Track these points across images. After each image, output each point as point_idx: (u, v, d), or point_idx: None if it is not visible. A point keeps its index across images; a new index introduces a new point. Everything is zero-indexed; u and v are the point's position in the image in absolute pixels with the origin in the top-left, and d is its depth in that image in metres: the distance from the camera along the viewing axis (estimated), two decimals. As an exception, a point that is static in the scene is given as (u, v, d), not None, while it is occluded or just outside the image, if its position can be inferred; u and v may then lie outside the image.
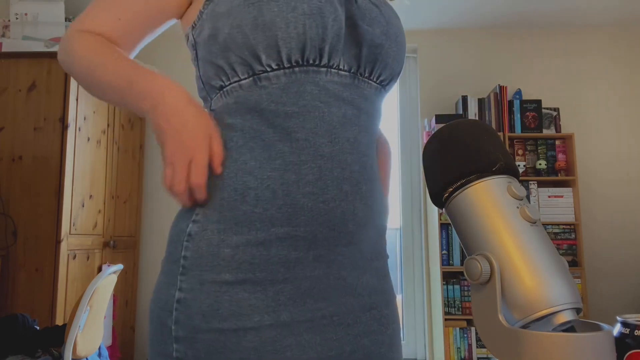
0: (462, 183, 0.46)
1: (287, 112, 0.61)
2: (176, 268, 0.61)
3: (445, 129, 0.49)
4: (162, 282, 0.63)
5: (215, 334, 0.57)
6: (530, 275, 0.41)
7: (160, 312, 0.61)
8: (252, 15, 0.60)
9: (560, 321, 0.40)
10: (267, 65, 0.61)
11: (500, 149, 0.47)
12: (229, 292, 0.58)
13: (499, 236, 0.43)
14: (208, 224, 0.60)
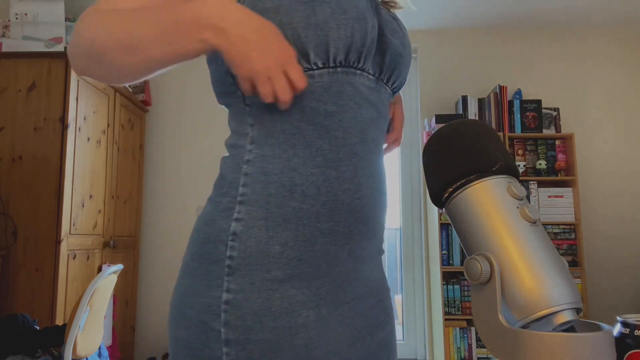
0: (462, 183, 0.46)
1: (327, 111, 0.63)
2: (219, 269, 0.59)
3: (445, 129, 0.49)
4: (198, 284, 0.60)
5: (269, 333, 0.56)
6: (530, 276, 0.41)
7: (204, 315, 0.58)
8: (305, 14, 0.61)
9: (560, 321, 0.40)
10: (313, 63, 0.62)
11: (501, 149, 0.47)
12: (279, 289, 0.58)
13: (499, 236, 0.43)
14: (254, 221, 0.60)
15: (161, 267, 3.59)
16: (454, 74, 3.67)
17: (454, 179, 0.47)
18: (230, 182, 0.63)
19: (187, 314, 0.60)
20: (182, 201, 3.65)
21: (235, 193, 0.62)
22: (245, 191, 0.61)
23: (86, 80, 2.75)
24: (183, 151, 3.69)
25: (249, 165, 0.63)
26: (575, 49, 3.72)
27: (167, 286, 3.57)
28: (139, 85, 3.55)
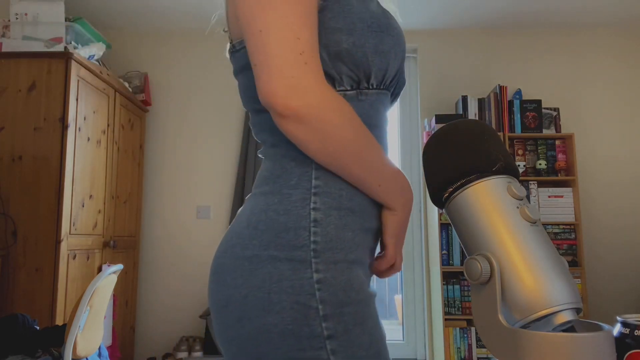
0: (462, 183, 0.46)
1: (371, 125, 0.72)
2: (304, 253, 0.64)
3: (445, 129, 0.49)
4: (282, 270, 0.64)
5: (356, 305, 0.64)
6: (530, 276, 0.41)
7: (298, 297, 0.62)
8: (375, 42, 0.70)
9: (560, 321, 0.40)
10: (371, 84, 0.71)
11: (501, 149, 0.47)
12: (353, 269, 0.66)
13: (499, 236, 0.43)
14: (329, 210, 0.67)
15: (161, 267, 3.59)
16: (454, 74, 3.67)
17: (454, 178, 0.47)
18: (299, 176, 0.68)
19: (276, 299, 0.63)
20: (182, 201, 3.65)
21: (308, 185, 0.68)
22: (318, 184, 0.68)
23: (86, 80, 2.75)
24: (183, 151, 3.69)
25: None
26: (575, 49, 3.72)
27: (167, 286, 3.57)
28: (139, 85, 3.55)
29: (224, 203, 3.65)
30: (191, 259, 3.59)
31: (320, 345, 0.61)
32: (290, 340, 0.62)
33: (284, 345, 0.62)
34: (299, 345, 0.62)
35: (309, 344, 0.61)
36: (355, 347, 0.62)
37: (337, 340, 0.62)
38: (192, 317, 3.53)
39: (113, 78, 3.09)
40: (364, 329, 0.63)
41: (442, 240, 3.19)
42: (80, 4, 3.37)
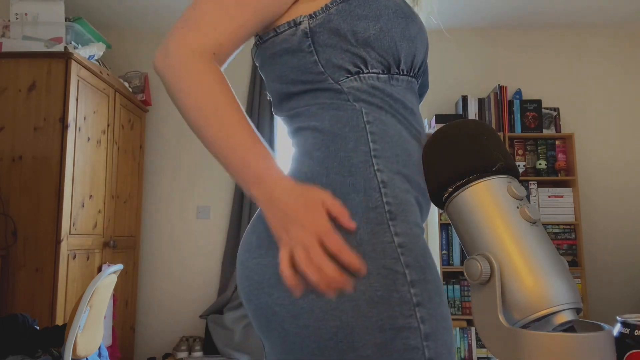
0: (462, 183, 0.46)
1: (407, 108, 0.73)
2: (378, 215, 0.62)
3: (446, 129, 0.49)
4: (361, 232, 0.60)
5: (434, 274, 0.61)
6: (530, 276, 0.41)
7: (384, 261, 0.59)
8: (402, 27, 0.72)
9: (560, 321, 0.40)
10: (401, 69, 0.73)
11: (500, 149, 0.47)
12: (421, 235, 0.65)
13: (499, 236, 0.43)
14: (392, 174, 0.66)
15: (161, 267, 3.59)
16: (454, 74, 3.67)
17: (454, 178, 0.47)
18: (356, 139, 0.67)
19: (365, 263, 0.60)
20: (182, 201, 3.65)
21: (366, 149, 0.67)
22: (376, 147, 0.67)
23: (86, 80, 2.75)
24: (183, 151, 3.69)
25: (371, 126, 0.69)
26: (575, 49, 3.72)
27: (167, 286, 3.57)
28: (139, 85, 3.55)
29: (224, 203, 3.65)
30: (191, 259, 3.59)
31: (411, 312, 0.57)
32: (380, 307, 0.58)
33: (374, 313, 0.57)
34: (390, 312, 0.57)
35: (400, 310, 0.57)
36: (438, 317, 0.58)
37: (425, 308, 0.58)
38: (192, 317, 3.53)
39: (113, 78, 3.09)
40: (442, 299, 0.60)
41: (442, 240, 3.19)
42: (80, 4, 3.37)
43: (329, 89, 0.73)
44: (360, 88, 0.72)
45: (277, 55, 0.75)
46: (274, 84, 0.78)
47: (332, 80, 0.73)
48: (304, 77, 0.74)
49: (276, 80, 0.77)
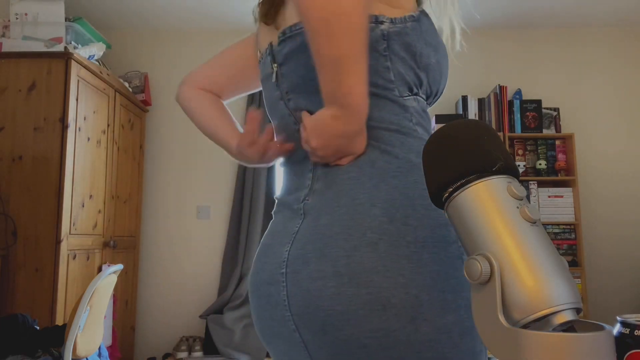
0: (462, 183, 0.46)
1: (427, 129, 0.76)
2: (456, 249, 0.64)
3: (445, 129, 0.49)
4: (445, 268, 0.62)
5: None
6: (531, 275, 0.41)
7: (466, 293, 0.63)
8: (447, 64, 0.78)
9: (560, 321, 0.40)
10: (422, 94, 0.77)
11: (500, 148, 0.47)
12: None
13: (499, 236, 0.43)
14: None
15: (161, 267, 3.59)
16: (454, 74, 3.67)
17: (453, 179, 0.47)
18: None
19: (451, 298, 0.61)
20: (182, 201, 3.65)
21: None
22: None
23: (86, 80, 2.75)
24: (183, 151, 3.69)
25: None
26: (575, 49, 3.72)
27: (167, 286, 3.57)
28: (139, 85, 3.55)
29: (224, 203, 3.65)
30: (191, 259, 3.60)
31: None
32: (467, 338, 0.61)
33: (463, 343, 0.61)
34: (475, 342, 0.62)
35: (480, 341, 0.62)
36: None
37: None
38: (192, 317, 3.53)
39: (113, 78, 3.09)
40: None
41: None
42: (80, 4, 3.37)
43: (396, 102, 0.72)
44: (417, 109, 0.74)
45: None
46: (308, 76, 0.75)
47: (398, 93, 0.73)
48: (373, 78, 0.71)
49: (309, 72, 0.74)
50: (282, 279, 0.68)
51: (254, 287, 0.74)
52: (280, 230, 0.73)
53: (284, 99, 0.78)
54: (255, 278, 0.74)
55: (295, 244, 0.69)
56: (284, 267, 0.68)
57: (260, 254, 0.76)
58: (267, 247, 0.74)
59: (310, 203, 0.71)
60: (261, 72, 0.84)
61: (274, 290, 0.69)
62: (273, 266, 0.70)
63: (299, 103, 0.75)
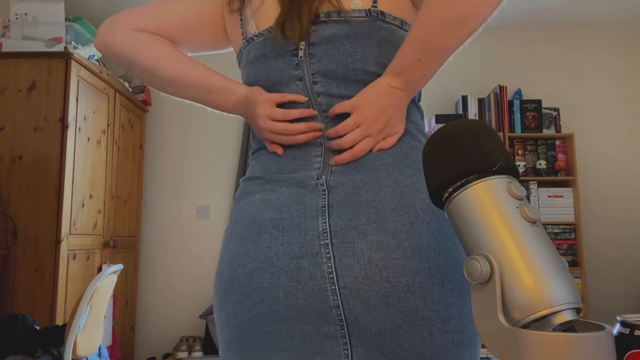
0: (462, 183, 0.46)
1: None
2: None
3: (445, 129, 0.49)
4: None
5: None
6: (531, 275, 0.41)
7: None
8: None
9: (560, 321, 0.40)
10: None
11: (500, 148, 0.47)
12: None
13: (499, 236, 0.43)
14: None
15: (161, 267, 3.59)
16: (454, 74, 3.67)
17: (453, 179, 0.47)
18: None
19: None
20: (182, 201, 3.65)
21: None
22: None
23: (86, 80, 2.75)
24: (183, 151, 3.69)
25: None
26: (575, 49, 3.72)
27: (167, 286, 3.57)
28: (139, 85, 3.55)
29: (224, 203, 3.65)
30: (191, 259, 3.60)
31: None
32: None
33: None
34: None
35: None
36: None
37: None
38: (192, 317, 3.53)
39: (113, 78, 3.09)
40: None
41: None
42: (80, 4, 3.37)
43: (419, 109, 0.78)
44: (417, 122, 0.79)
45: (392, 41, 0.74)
46: (373, 65, 0.73)
47: (418, 99, 0.78)
48: None
49: (379, 64, 0.73)
50: (326, 250, 0.64)
51: (263, 264, 0.67)
52: (293, 205, 0.69)
53: (305, 80, 0.74)
54: (266, 254, 0.67)
55: (334, 215, 0.66)
56: (327, 238, 0.65)
57: (266, 228, 0.69)
58: (278, 221, 0.69)
59: (335, 180, 0.69)
60: (263, 48, 0.76)
61: (307, 264, 0.65)
62: (303, 238, 0.66)
63: (330, 88, 0.73)
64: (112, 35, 0.81)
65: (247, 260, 0.68)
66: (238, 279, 0.68)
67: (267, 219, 0.70)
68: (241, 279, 0.68)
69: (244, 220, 0.72)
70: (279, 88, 0.75)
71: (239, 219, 0.74)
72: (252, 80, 0.79)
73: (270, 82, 0.76)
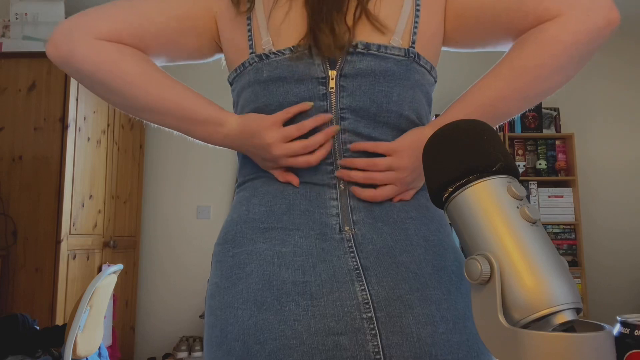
0: (462, 183, 0.46)
1: None
2: None
3: (445, 129, 0.49)
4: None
5: None
6: (530, 275, 0.41)
7: None
8: None
9: (560, 321, 0.40)
10: None
11: (500, 148, 0.47)
12: None
13: (499, 236, 0.43)
14: None
15: (161, 267, 3.59)
16: (453, 73, 3.67)
17: (453, 179, 0.47)
18: None
19: None
20: (182, 201, 3.65)
21: None
22: None
23: (86, 80, 2.75)
24: (183, 151, 3.69)
25: None
26: (575, 49, 3.72)
27: (167, 286, 3.57)
28: (139, 85, 3.56)
29: (224, 203, 3.65)
30: (191, 259, 3.60)
31: None
32: None
33: None
34: None
35: None
36: None
37: None
38: (192, 317, 3.53)
39: (113, 78, 3.09)
40: None
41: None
42: (80, 4, 3.37)
43: None
44: None
45: (422, 86, 0.73)
46: (407, 109, 0.69)
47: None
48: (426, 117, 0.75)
49: (412, 109, 0.70)
50: (370, 325, 0.55)
51: (290, 342, 0.55)
52: (318, 264, 0.59)
53: (331, 111, 0.66)
54: (294, 329, 0.55)
55: (372, 281, 0.58)
56: (370, 311, 0.56)
57: (289, 294, 0.57)
58: (304, 286, 0.57)
59: (363, 235, 0.62)
60: (282, 69, 0.66)
61: (347, 342, 0.54)
62: (340, 310, 0.56)
63: (358, 127, 0.66)
64: (71, 43, 0.67)
65: (269, 336, 0.55)
66: (255, 359, 0.55)
67: (289, 281, 0.58)
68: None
69: (251, 279, 0.59)
70: (294, 118, 0.65)
71: (242, 275, 0.60)
72: (260, 103, 0.68)
73: (285, 105, 0.66)
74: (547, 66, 0.63)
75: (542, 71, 0.64)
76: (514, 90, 0.65)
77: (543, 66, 0.63)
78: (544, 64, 0.63)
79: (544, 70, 0.63)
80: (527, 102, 0.67)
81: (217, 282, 0.63)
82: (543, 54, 0.63)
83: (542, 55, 0.63)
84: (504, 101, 0.65)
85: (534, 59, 0.64)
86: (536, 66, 0.64)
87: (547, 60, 0.63)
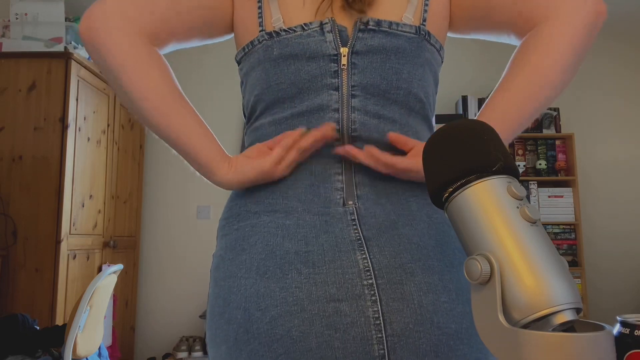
0: (461, 183, 0.46)
1: None
2: None
3: (445, 129, 0.49)
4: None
5: None
6: (530, 275, 0.41)
7: None
8: None
9: (560, 321, 0.40)
10: None
11: (500, 149, 0.47)
12: None
13: (499, 236, 0.43)
14: None
15: (161, 267, 3.59)
16: (454, 74, 3.67)
17: (453, 179, 0.47)
18: None
19: None
20: (182, 201, 3.65)
21: None
22: None
23: (86, 80, 2.75)
24: (183, 151, 3.69)
25: None
26: (575, 49, 3.72)
27: (167, 286, 3.57)
28: (139, 85, 3.55)
29: (224, 203, 3.64)
30: (191, 259, 3.59)
31: None
32: None
33: None
34: None
35: None
36: None
37: None
38: (192, 317, 3.53)
39: (113, 78, 3.09)
40: None
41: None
42: (80, 4, 3.37)
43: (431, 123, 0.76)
44: None
45: (431, 65, 0.74)
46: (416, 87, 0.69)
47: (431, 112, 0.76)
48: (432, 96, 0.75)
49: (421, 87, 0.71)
50: (371, 291, 0.56)
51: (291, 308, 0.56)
52: (320, 234, 0.60)
53: (341, 90, 0.65)
54: (295, 296, 0.56)
55: (374, 250, 0.59)
56: (370, 277, 0.57)
57: (292, 263, 0.58)
58: (306, 255, 0.58)
59: (366, 209, 0.62)
60: (294, 46, 0.66)
61: (347, 308, 0.55)
62: (341, 277, 0.57)
63: (367, 104, 0.65)
64: (105, 33, 0.62)
65: (270, 303, 0.56)
66: (256, 326, 0.56)
67: (292, 251, 0.59)
68: (261, 326, 0.56)
69: (255, 250, 0.61)
70: (306, 95, 0.65)
71: (245, 247, 0.62)
72: (271, 81, 0.67)
73: (297, 88, 0.66)
74: (557, 66, 0.66)
75: (554, 73, 0.67)
76: (535, 100, 0.67)
77: (554, 67, 0.67)
78: (554, 65, 0.66)
79: (556, 72, 0.67)
80: (546, 105, 0.70)
81: (221, 255, 0.65)
82: (550, 56, 0.66)
83: (550, 57, 0.66)
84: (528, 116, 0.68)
85: (544, 62, 0.66)
86: (549, 68, 0.66)
87: (557, 59, 0.67)
